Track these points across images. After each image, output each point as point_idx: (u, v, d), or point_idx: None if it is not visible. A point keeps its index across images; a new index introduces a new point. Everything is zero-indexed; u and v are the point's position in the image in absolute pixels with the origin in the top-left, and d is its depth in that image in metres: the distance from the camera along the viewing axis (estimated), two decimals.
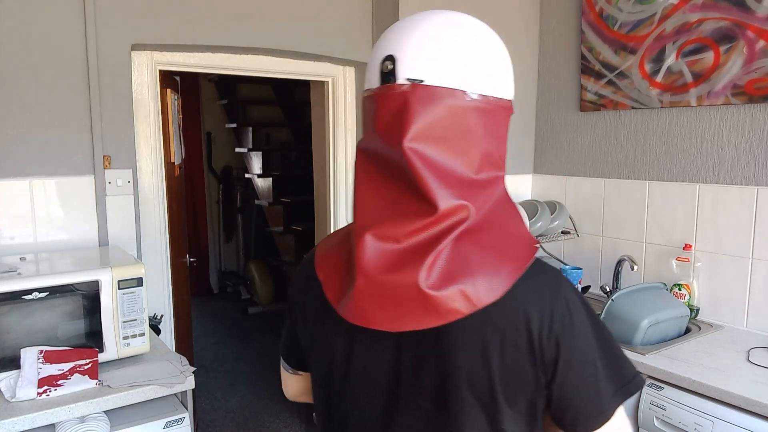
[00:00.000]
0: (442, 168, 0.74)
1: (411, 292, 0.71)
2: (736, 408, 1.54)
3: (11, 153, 1.88)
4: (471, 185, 0.75)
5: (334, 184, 2.76)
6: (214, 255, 6.16)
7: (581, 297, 0.80)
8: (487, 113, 0.77)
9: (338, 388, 0.86)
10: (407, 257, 0.72)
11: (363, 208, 0.78)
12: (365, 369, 0.82)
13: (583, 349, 0.77)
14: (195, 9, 2.13)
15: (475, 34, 0.78)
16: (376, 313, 0.74)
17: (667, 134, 2.26)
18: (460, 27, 0.77)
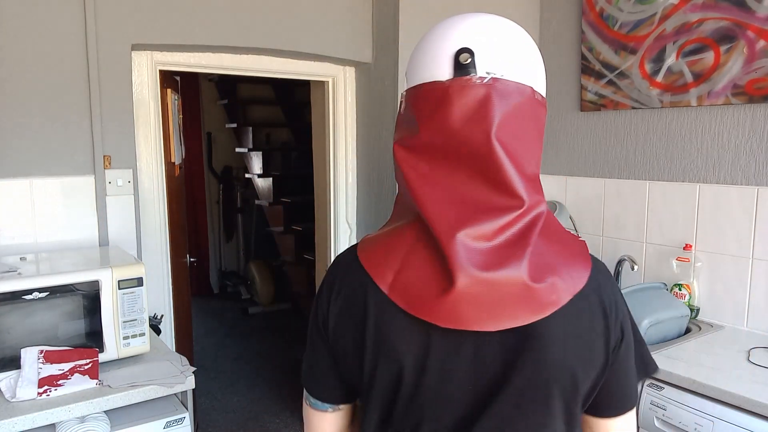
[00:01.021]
0: (518, 162, 0.74)
1: (516, 288, 0.72)
2: (737, 408, 1.54)
3: (11, 153, 1.88)
4: (536, 180, 0.77)
5: (334, 184, 2.76)
6: (215, 255, 6.16)
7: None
8: (543, 111, 0.80)
9: (407, 398, 0.80)
10: (502, 254, 0.72)
11: (437, 207, 0.75)
12: (441, 374, 0.78)
13: (632, 334, 0.82)
14: (195, 9, 2.13)
15: (526, 35, 0.80)
16: (476, 314, 0.72)
17: (667, 134, 2.26)
18: (515, 27, 0.79)
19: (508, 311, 0.72)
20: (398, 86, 2.41)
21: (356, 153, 2.75)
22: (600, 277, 0.79)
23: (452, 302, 0.72)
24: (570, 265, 0.76)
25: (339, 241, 2.79)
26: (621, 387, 0.82)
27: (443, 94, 0.75)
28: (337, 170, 2.74)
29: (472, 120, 0.74)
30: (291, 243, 5.15)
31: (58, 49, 1.91)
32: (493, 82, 0.74)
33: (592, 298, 0.77)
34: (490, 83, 0.74)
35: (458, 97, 0.74)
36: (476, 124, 0.74)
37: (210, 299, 5.89)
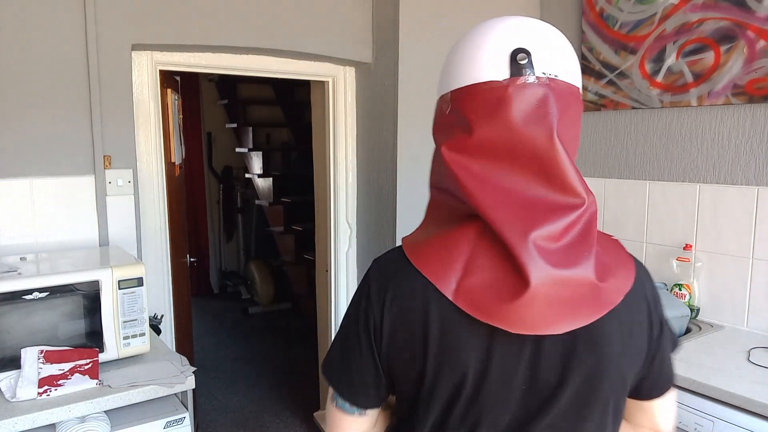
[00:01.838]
0: (572, 160, 0.75)
1: (585, 287, 0.72)
2: (737, 408, 1.54)
3: (12, 153, 1.88)
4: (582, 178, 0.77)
5: (334, 184, 2.76)
6: (215, 255, 6.16)
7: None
8: (582, 111, 0.82)
9: (466, 402, 0.79)
10: (571, 253, 0.72)
11: (501, 209, 0.74)
12: (503, 377, 0.77)
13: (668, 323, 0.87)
14: (195, 9, 2.13)
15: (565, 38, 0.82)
16: (548, 317, 0.71)
17: (667, 134, 2.26)
18: (556, 29, 0.82)
19: (578, 311, 0.72)
20: (398, 86, 2.41)
21: (356, 153, 2.75)
22: (642, 274, 0.82)
23: (525, 304, 0.70)
24: (620, 264, 0.79)
25: (339, 241, 2.79)
26: (663, 371, 0.87)
27: (502, 93, 0.74)
28: (337, 170, 2.74)
29: (532, 119, 0.74)
30: (291, 243, 5.15)
31: (58, 49, 1.91)
32: (550, 81, 0.74)
33: (639, 294, 0.80)
34: (548, 83, 0.74)
35: (518, 97, 0.74)
36: (537, 123, 0.74)
37: (210, 299, 5.89)
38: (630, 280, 0.78)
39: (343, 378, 0.86)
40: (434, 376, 0.78)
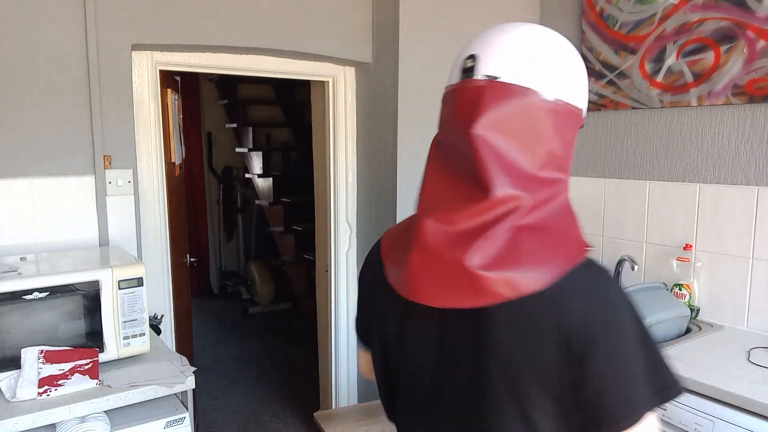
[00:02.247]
0: (506, 158, 0.78)
1: (458, 271, 0.75)
2: (737, 408, 1.54)
3: (12, 153, 1.88)
4: (532, 180, 0.79)
5: (334, 183, 2.76)
6: (215, 255, 6.16)
7: (629, 301, 0.83)
8: (557, 116, 0.81)
9: (394, 362, 0.93)
10: (460, 239, 0.77)
11: (427, 196, 0.83)
12: (416, 344, 0.88)
13: (622, 351, 0.78)
14: (195, 9, 2.13)
15: (555, 44, 0.84)
16: (426, 289, 0.79)
17: (667, 134, 2.26)
18: (540, 36, 0.83)
19: (453, 293, 0.77)
20: (398, 86, 2.41)
21: (356, 153, 2.75)
22: (576, 286, 0.77)
23: (408, 274, 0.81)
24: (540, 266, 0.76)
25: (339, 241, 2.79)
26: (610, 405, 0.78)
27: (450, 96, 0.84)
28: (337, 170, 2.74)
29: (464, 116, 0.80)
30: (291, 243, 5.15)
31: (58, 49, 1.91)
32: (488, 83, 0.79)
33: (551, 301, 0.76)
34: (485, 84, 0.79)
35: (458, 98, 0.82)
36: (466, 119, 0.79)
37: (210, 299, 5.89)
38: (539, 284, 0.75)
39: (356, 319, 1.09)
40: (372, 332, 0.99)
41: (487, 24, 0.85)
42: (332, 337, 2.88)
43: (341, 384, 2.92)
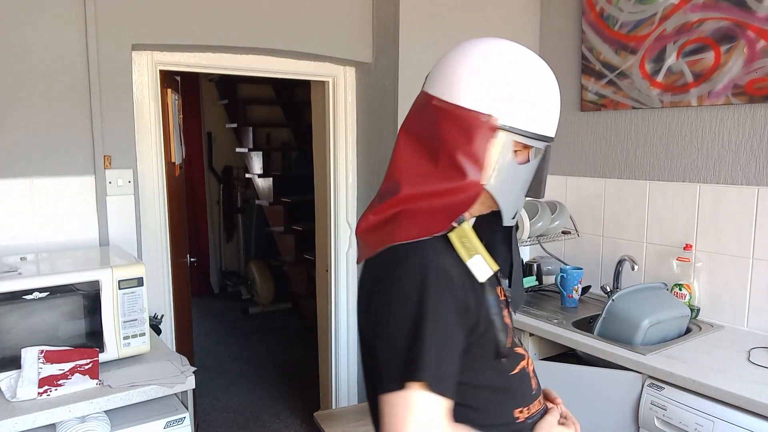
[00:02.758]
0: (408, 157, 0.97)
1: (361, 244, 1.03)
2: (737, 408, 1.54)
3: (12, 153, 1.88)
4: (427, 176, 0.95)
5: (334, 183, 2.76)
6: (215, 255, 6.16)
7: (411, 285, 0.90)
8: (458, 119, 0.93)
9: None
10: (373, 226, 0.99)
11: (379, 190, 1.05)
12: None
13: (385, 323, 0.91)
14: (195, 9, 2.13)
15: (483, 57, 0.94)
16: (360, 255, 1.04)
17: (667, 134, 2.26)
18: (476, 50, 0.95)
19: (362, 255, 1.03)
20: (398, 86, 2.41)
21: (356, 153, 2.75)
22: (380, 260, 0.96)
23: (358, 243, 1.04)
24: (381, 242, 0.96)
25: (339, 241, 2.79)
26: (375, 356, 0.92)
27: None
28: (337, 170, 2.74)
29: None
30: (291, 243, 5.15)
31: (58, 48, 1.91)
32: (420, 93, 1.01)
33: (366, 268, 1.00)
34: (419, 94, 1.02)
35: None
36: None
37: (210, 299, 5.89)
38: (367, 254, 0.99)
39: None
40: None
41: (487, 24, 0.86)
42: (332, 337, 2.88)
43: (341, 384, 2.92)
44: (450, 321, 0.90)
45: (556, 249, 2.68)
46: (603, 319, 2.00)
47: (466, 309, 0.93)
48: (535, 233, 2.40)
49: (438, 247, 0.94)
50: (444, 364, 0.88)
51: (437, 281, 0.90)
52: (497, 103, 0.93)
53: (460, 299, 0.92)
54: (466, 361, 0.94)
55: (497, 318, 1.00)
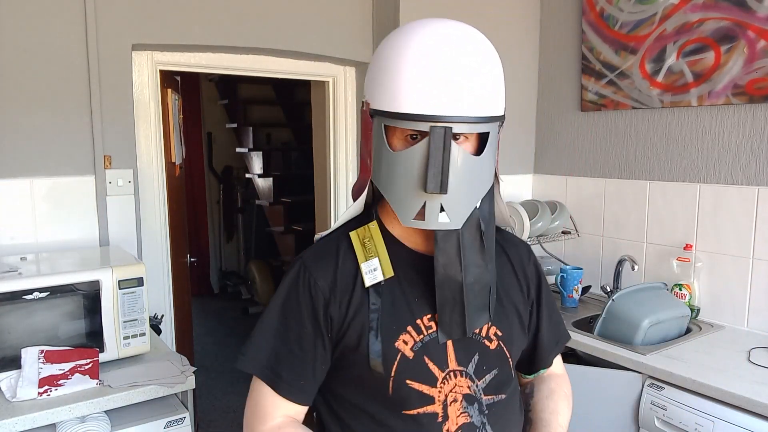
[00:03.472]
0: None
1: None
2: (737, 408, 1.54)
3: (12, 153, 1.88)
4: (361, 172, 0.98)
5: (334, 184, 2.76)
6: (215, 255, 6.16)
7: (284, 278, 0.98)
8: (361, 116, 0.94)
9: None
10: None
11: None
12: None
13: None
14: (195, 9, 2.13)
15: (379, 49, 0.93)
16: None
17: (667, 134, 2.26)
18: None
19: None
20: None
21: (356, 153, 2.75)
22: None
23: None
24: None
25: None
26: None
27: None
28: (337, 170, 2.74)
29: None
30: (291, 243, 5.15)
31: (58, 48, 1.91)
32: None
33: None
34: None
35: None
36: None
37: (210, 299, 5.89)
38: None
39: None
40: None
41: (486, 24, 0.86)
42: None
43: None
44: (289, 320, 0.94)
45: (556, 249, 2.68)
46: (603, 319, 2.00)
47: (327, 318, 0.93)
48: (535, 233, 2.40)
49: (339, 247, 0.97)
50: (271, 358, 0.94)
51: (296, 281, 0.94)
52: (368, 86, 0.90)
53: (318, 306, 0.93)
54: (338, 371, 0.97)
55: (376, 339, 0.90)
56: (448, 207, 0.85)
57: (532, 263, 1.09)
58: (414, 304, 0.94)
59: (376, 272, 0.92)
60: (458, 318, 0.91)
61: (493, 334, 0.98)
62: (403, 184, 0.86)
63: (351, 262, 0.95)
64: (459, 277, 0.90)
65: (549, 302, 1.11)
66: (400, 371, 0.91)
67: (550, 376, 1.15)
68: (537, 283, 1.09)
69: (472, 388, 0.94)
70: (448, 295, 0.91)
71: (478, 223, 0.91)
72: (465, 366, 0.94)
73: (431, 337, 0.93)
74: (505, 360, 0.99)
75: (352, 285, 0.93)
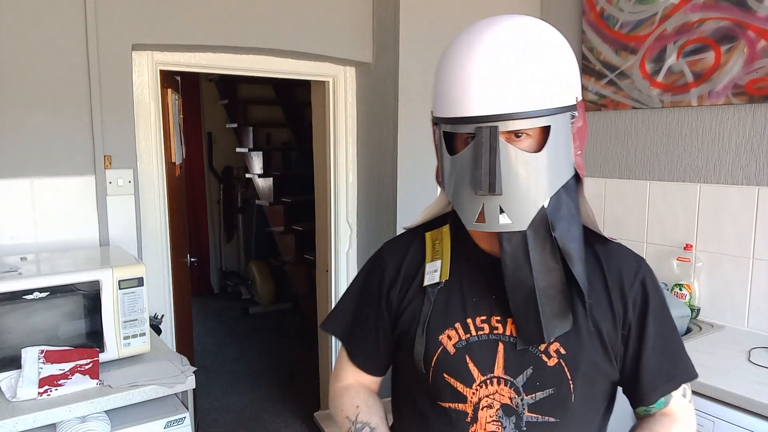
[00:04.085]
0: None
1: None
2: (737, 408, 1.54)
3: (12, 153, 1.88)
4: None
5: (334, 183, 2.76)
6: (215, 255, 6.16)
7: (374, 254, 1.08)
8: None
9: None
10: None
11: None
12: None
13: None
14: (195, 9, 2.13)
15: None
16: None
17: (667, 134, 2.26)
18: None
19: None
20: (398, 86, 2.41)
21: (356, 153, 2.75)
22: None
23: None
24: None
25: (339, 241, 2.79)
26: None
27: None
28: (337, 170, 2.74)
29: None
30: (291, 243, 5.15)
31: (58, 49, 1.91)
32: None
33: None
34: None
35: None
36: None
37: (210, 299, 5.89)
38: None
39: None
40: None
41: None
42: (332, 337, 2.88)
43: None
44: (365, 293, 1.04)
45: None
46: None
47: (389, 300, 1.01)
48: None
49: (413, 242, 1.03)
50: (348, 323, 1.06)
51: (373, 262, 1.06)
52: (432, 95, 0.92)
53: (384, 288, 1.01)
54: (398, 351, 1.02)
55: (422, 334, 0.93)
56: (507, 208, 0.83)
57: (638, 283, 0.95)
58: (470, 303, 0.94)
59: (436, 273, 0.96)
60: (534, 324, 0.87)
61: (554, 351, 0.90)
62: (462, 187, 0.86)
63: (420, 257, 1.01)
64: (530, 281, 0.86)
65: (660, 332, 0.95)
66: (439, 364, 0.93)
67: (662, 416, 0.98)
68: (641, 308, 0.94)
69: (514, 400, 0.90)
70: (521, 300, 0.87)
71: (547, 223, 0.85)
72: (513, 377, 0.90)
73: (480, 338, 0.92)
74: (564, 381, 0.90)
75: (413, 278, 0.99)
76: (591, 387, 0.92)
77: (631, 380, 0.96)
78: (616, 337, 0.93)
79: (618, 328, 0.93)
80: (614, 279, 0.95)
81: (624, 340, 0.94)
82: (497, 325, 0.92)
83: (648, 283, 0.96)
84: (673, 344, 0.98)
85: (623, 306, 0.94)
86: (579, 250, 0.89)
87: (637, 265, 0.97)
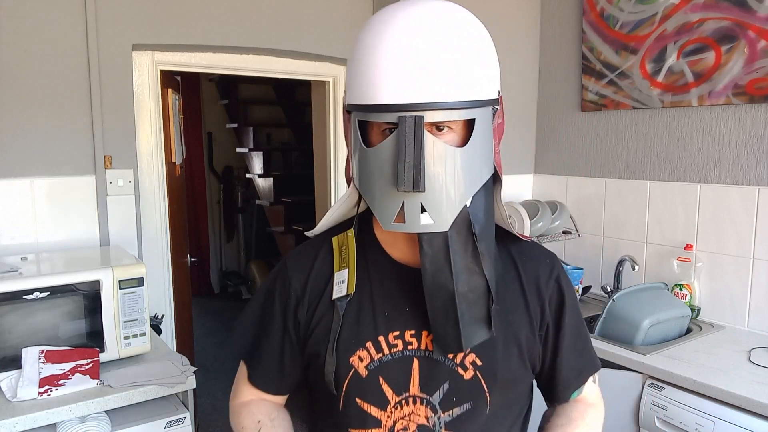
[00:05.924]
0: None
1: None
2: (738, 408, 1.54)
3: (12, 153, 1.88)
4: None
5: (335, 184, 2.76)
6: (215, 255, 6.16)
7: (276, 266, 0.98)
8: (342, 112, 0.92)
9: None
10: None
11: None
12: None
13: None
14: (196, 9, 2.13)
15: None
16: None
17: (668, 134, 2.26)
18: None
19: None
20: None
21: None
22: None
23: None
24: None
25: None
26: None
27: None
28: (337, 170, 2.74)
29: None
30: (291, 243, 5.15)
31: (58, 49, 1.92)
32: None
33: None
34: None
35: None
36: None
37: (211, 299, 5.89)
38: None
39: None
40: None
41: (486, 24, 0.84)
42: None
43: None
44: (266, 313, 0.95)
45: (557, 249, 2.67)
46: (603, 319, 2.00)
47: (296, 319, 0.91)
48: (535, 233, 2.40)
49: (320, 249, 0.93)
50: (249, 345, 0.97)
51: (276, 275, 0.95)
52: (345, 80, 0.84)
53: (290, 305, 0.91)
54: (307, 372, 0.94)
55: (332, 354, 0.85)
56: (430, 206, 0.74)
57: (553, 281, 0.92)
58: (381, 318, 0.86)
59: (344, 285, 0.86)
60: (453, 331, 0.80)
61: (470, 363, 0.85)
62: (379, 183, 0.76)
63: (328, 266, 0.90)
64: (450, 285, 0.78)
65: (573, 328, 0.93)
66: (351, 388, 0.85)
67: (576, 403, 0.98)
68: (558, 305, 0.92)
69: (431, 419, 0.83)
70: (440, 306, 0.80)
71: (470, 224, 0.78)
72: (429, 394, 0.84)
73: (394, 356, 0.85)
74: (481, 395, 0.85)
75: (322, 291, 0.89)
76: (508, 394, 0.89)
77: (548, 377, 0.95)
78: (534, 340, 0.90)
79: (536, 330, 0.90)
80: (530, 278, 0.91)
81: (542, 340, 0.92)
82: (411, 340, 0.85)
83: (562, 280, 0.94)
84: (583, 338, 0.97)
85: (540, 306, 0.91)
86: (492, 252, 0.84)
87: (551, 262, 0.95)
